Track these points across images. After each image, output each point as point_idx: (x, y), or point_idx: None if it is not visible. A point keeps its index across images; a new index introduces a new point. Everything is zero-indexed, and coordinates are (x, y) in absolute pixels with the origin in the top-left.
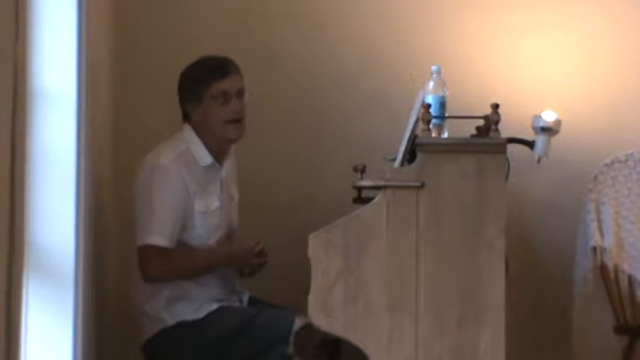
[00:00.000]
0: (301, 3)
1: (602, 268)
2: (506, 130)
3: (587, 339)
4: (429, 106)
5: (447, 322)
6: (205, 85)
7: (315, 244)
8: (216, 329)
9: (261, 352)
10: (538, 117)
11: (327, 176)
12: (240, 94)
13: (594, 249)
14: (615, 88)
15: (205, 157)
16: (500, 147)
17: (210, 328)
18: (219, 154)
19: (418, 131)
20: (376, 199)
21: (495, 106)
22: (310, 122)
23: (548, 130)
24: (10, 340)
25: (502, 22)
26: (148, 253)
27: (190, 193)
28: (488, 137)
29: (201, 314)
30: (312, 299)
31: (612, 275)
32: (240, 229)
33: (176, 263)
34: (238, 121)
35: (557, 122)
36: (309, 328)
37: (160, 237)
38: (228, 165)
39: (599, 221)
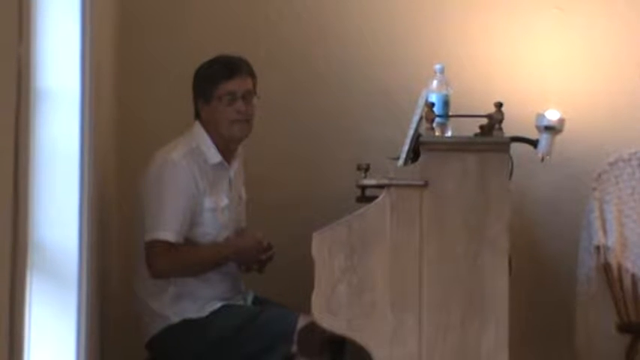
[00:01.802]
0: (304, 4)
1: (606, 267)
2: (509, 128)
3: (590, 337)
4: (433, 104)
5: (450, 321)
6: (214, 85)
7: (319, 243)
8: (220, 327)
9: (264, 351)
10: (542, 116)
11: (330, 175)
12: (247, 95)
13: (597, 248)
14: (619, 86)
15: (214, 156)
16: (503, 146)
17: (214, 326)
18: (226, 153)
19: (422, 130)
20: (380, 198)
21: (499, 105)
22: (314, 121)
23: (552, 129)
24: (13, 339)
25: (505, 20)
26: (156, 248)
27: (200, 189)
28: (491, 136)
29: (205, 312)
30: (315, 298)
31: (615, 274)
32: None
33: (184, 258)
34: (243, 121)
35: (561, 121)
36: (312, 326)
37: (168, 232)
38: (237, 165)
39: (603, 220)
